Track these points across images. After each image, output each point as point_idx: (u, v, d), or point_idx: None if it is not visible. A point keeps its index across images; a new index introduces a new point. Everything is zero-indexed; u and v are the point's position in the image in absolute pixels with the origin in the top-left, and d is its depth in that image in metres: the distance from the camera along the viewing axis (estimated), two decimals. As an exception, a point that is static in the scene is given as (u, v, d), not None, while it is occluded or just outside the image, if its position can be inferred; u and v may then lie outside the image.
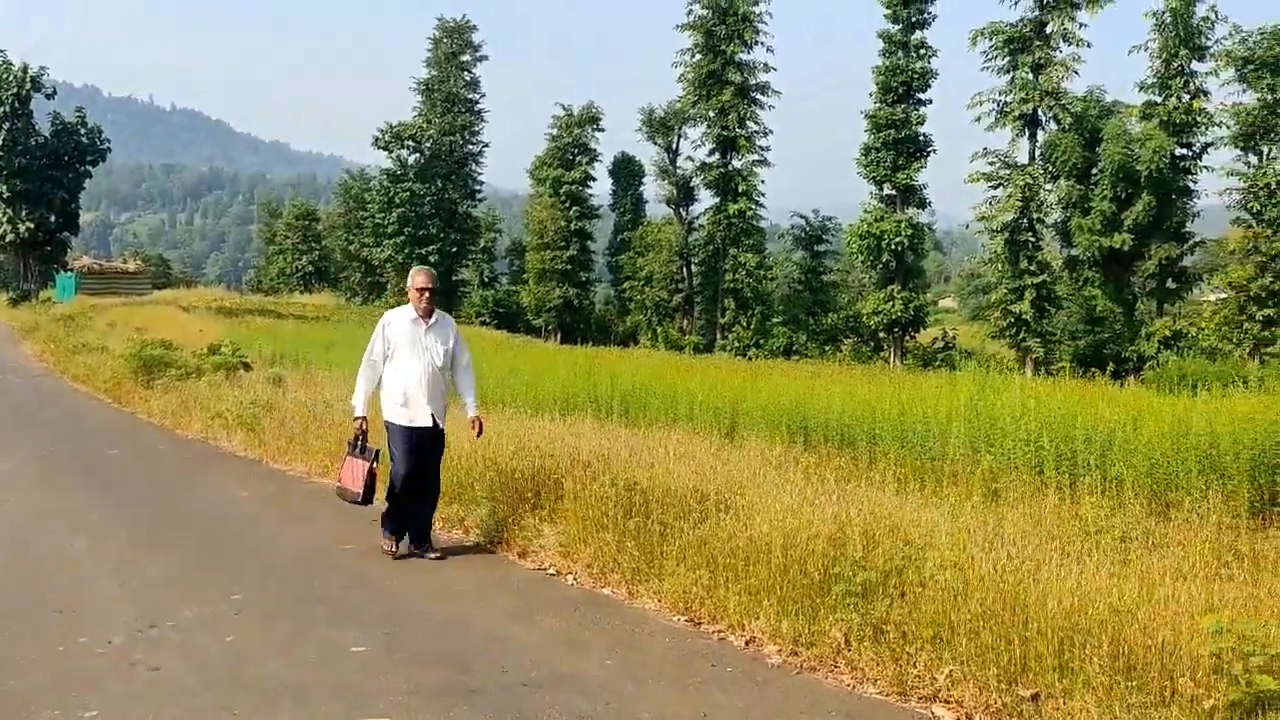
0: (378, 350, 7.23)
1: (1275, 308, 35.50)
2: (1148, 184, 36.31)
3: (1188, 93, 36.87)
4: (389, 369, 7.22)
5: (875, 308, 42.94)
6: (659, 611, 5.95)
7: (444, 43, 60.56)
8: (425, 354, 7.19)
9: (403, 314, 7.33)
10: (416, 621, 5.78)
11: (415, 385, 7.12)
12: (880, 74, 42.94)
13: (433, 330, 7.28)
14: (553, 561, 7.04)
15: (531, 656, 5.20)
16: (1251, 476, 9.38)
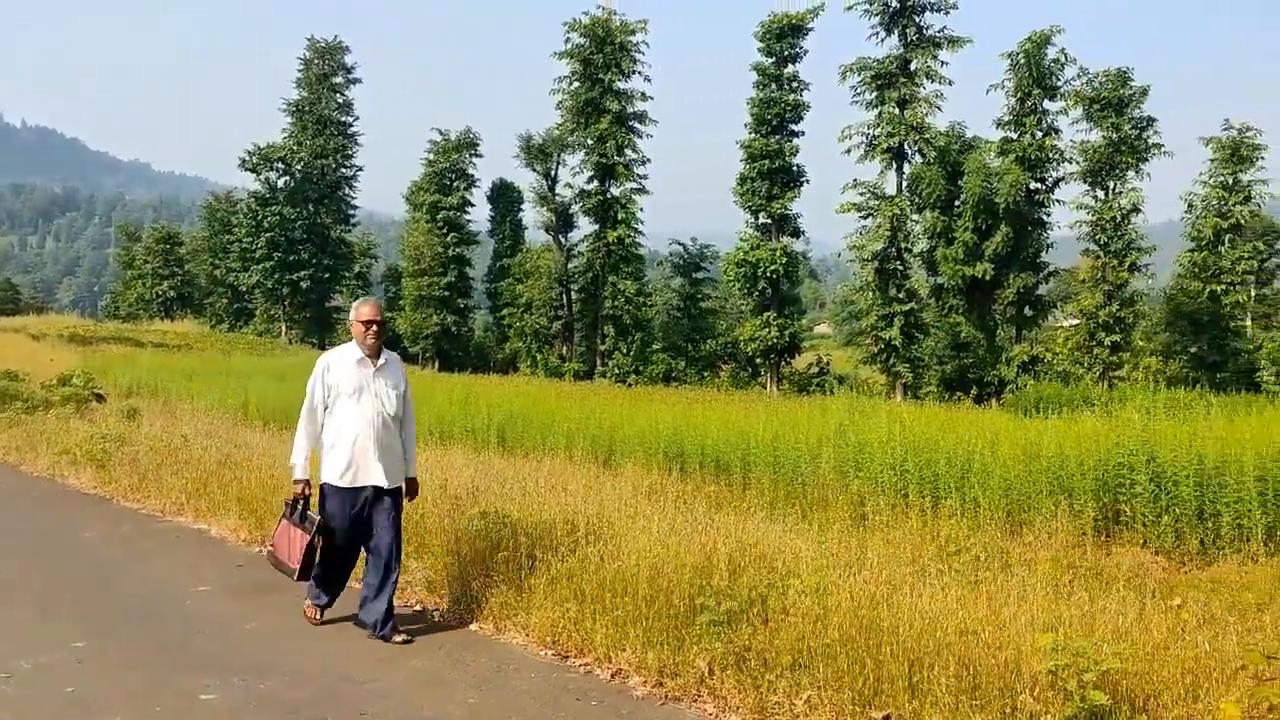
0: (318, 397, 6.13)
1: (1121, 334, 37.57)
2: (1006, 216, 38.00)
3: (1041, 130, 38.81)
4: (330, 421, 6.09)
5: (752, 334, 43.68)
6: (526, 646, 5.88)
7: (315, 64, 59.40)
8: (374, 401, 6.05)
9: (345, 354, 6.15)
10: (274, 667, 5.57)
11: (364, 439, 6.01)
12: (755, 106, 43.91)
13: (383, 372, 6.15)
14: (419, 598, 6.90)
15: (393, 699, 5.08)
16: (1096, 495, 9.89)
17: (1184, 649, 4.56)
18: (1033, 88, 38.33)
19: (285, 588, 7.33)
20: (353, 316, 6.19)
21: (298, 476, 6.14)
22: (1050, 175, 39.50)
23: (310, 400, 6.14)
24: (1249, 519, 8.86)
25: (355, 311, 6.20)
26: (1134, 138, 37.31)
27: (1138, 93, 37.23)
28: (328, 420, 6.10)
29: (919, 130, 39.69)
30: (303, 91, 59.15)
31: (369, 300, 6.29)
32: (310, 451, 6.13)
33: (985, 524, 9.72)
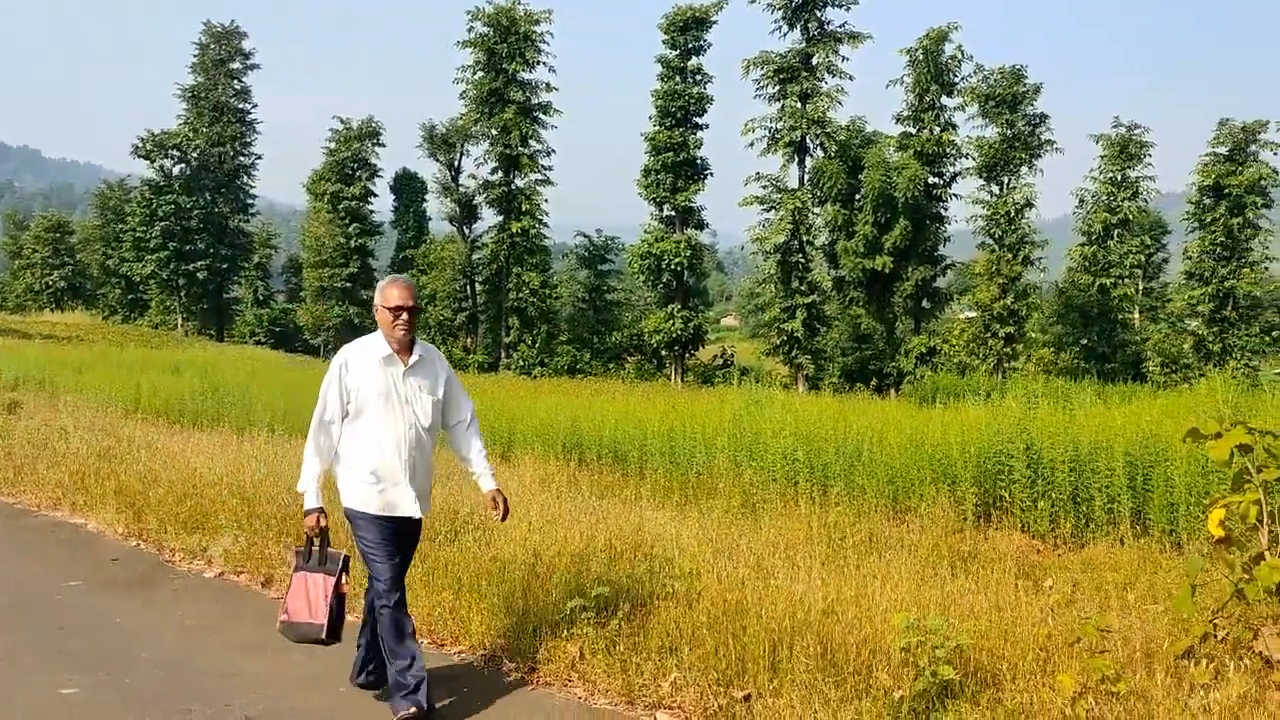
0: (333, 406, 4.66)
1: (1015, 326, 38.79)
2: (904, 210, 38.87)
3: (939, 125, 39.79)
4: (350, 434, 4.67)
5: (657, 326, 43.91)
6: (403, 637, 5.81)
7: (211, 49, 57.68)
8: (406, 409, 4.66)
9: (369, 349, 4.73)
10: (141, 661, 5.40)
11: (392, 458, 4.62)
12: (659, 98, 44.08)
13: (417, 372, 4.73)
14: (295, 593, 6.74)
15: (261, 690, 4.97)
16: (977, 482, 10.17)
17: (1036, 627, 4.72)
18: (930, 84, 39.24)
19: (161, 581, 7.12)
20: (378, 301, 4.73)
21: (309, 506, 4.64)
22: (948, 170, 40.54)
23: (322, 408, 4.68)
24: (1119, 503, 9.19)
25: (381, 294, 4.72)
26: (1027, 134, 38.51)
27: (1030, 90, 38.40)
28: (349, 433, 4.67)
29: (820, 124, 40.32)
30: (199, 77, 57.40)
31: (397, 280, 4.75)
32: (322, 473, 4.68)
33: (870, 511, 9.95)
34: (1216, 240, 38.82)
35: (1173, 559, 7.79)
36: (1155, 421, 10.51)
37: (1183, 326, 41.06)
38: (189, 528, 8.11)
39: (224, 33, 58.09)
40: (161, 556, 7.86)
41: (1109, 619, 5.03)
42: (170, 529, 8.17)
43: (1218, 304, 38.91)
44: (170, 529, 8.17)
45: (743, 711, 4.24)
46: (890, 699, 3.94)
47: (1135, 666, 4.28)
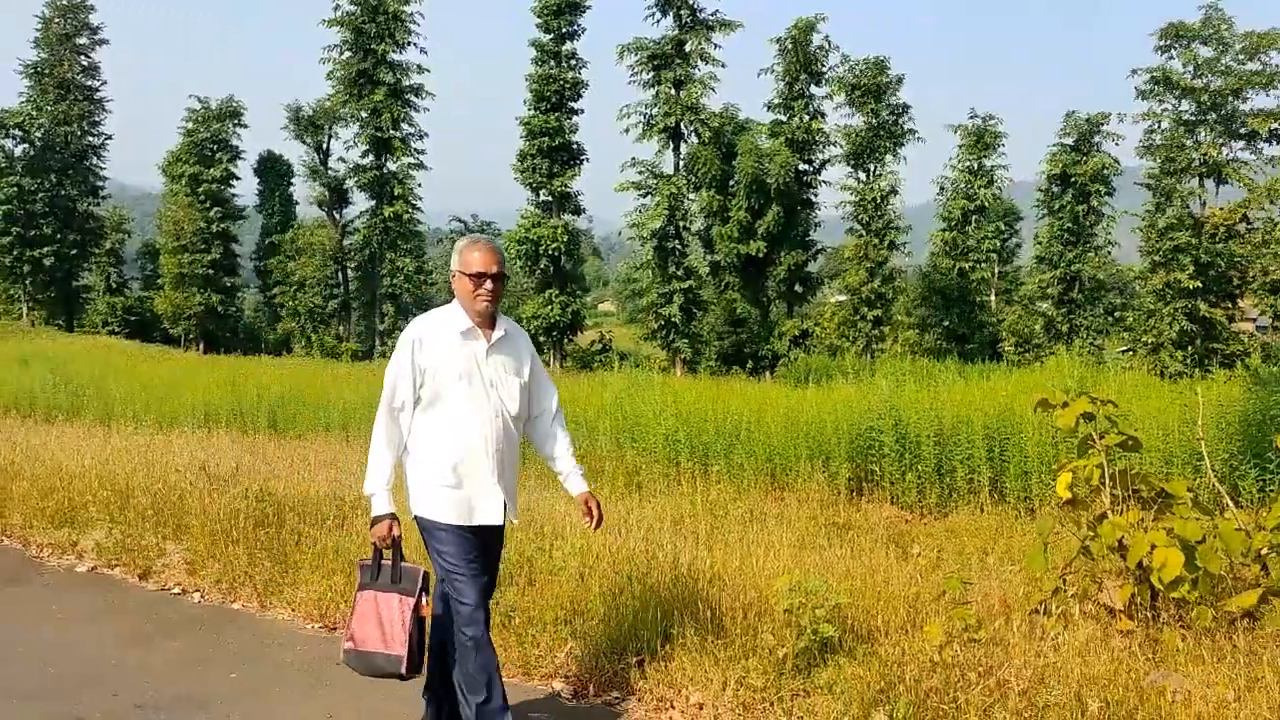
0: (404, 391, 3.86)
1: (883, 309, 40.16)
2: (777, 196, 39.73)
3: (808, 114, 40.77)
4: (423, 424, 3.87)
5: (534, 311, 43.82)
6: (293, 621, 5.80)
7: (56, 22, 54.60)
8: (491, 394, 3.89)
9: (445, 323, 3.93)
10: (16, 654, 5.26)
11: (477, 453, 3.84)
12: (534, 82, 43.87)
13: (500, 350, 3.97)
14: (178, 580, 6.64)
15: (149, 679, 4.91)
16: (850, 457, 10.63)
17: (906, 587, 5.05)
18: (800, 73, 40.16)
19: (30, 577, 6.89)
20: (455, 265, 3.93)
21: (378, 512, 3.81)
22: (817, 157, 41.59)
23: (391, 393, 3.87)
24: (979, 473, 9.75)
25: (459, 258, 3.93)
26: (891, 123, 39.79)
27: (894, 80, 39.68)
28: (421, 423, 3.87)
29: (694, 111, 40.81)
30: (42, 52, 54.27)
31: (479, 241, 3.95)
32: (394, 471, 3.88)
33: (750, 487, 10.32)
34: (1064, 226, 40.89)
35: (1027, 523, 8.33)
36: (1010, 397, 11.18)
37: (1034, 308, 43.15)
38: (56, 522, 7.86)
39: (69, 6, 55.06)
40: (28, 553, 7.60)
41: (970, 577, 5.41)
42: (36, 524, 7.90)
43: (1065, 286, 41.03)
44: (36, 524, 7.90)
45: (636, 676, 4.43)
46: (775, 656, 4.18)
47: (994, 618, 4.64)
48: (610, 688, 4.50)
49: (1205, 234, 36.91)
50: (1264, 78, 36.28)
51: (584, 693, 4.55)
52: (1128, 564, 4.95)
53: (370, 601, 3.88)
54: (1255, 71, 36.37)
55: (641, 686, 4.41)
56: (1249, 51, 36.40)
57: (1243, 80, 36.39)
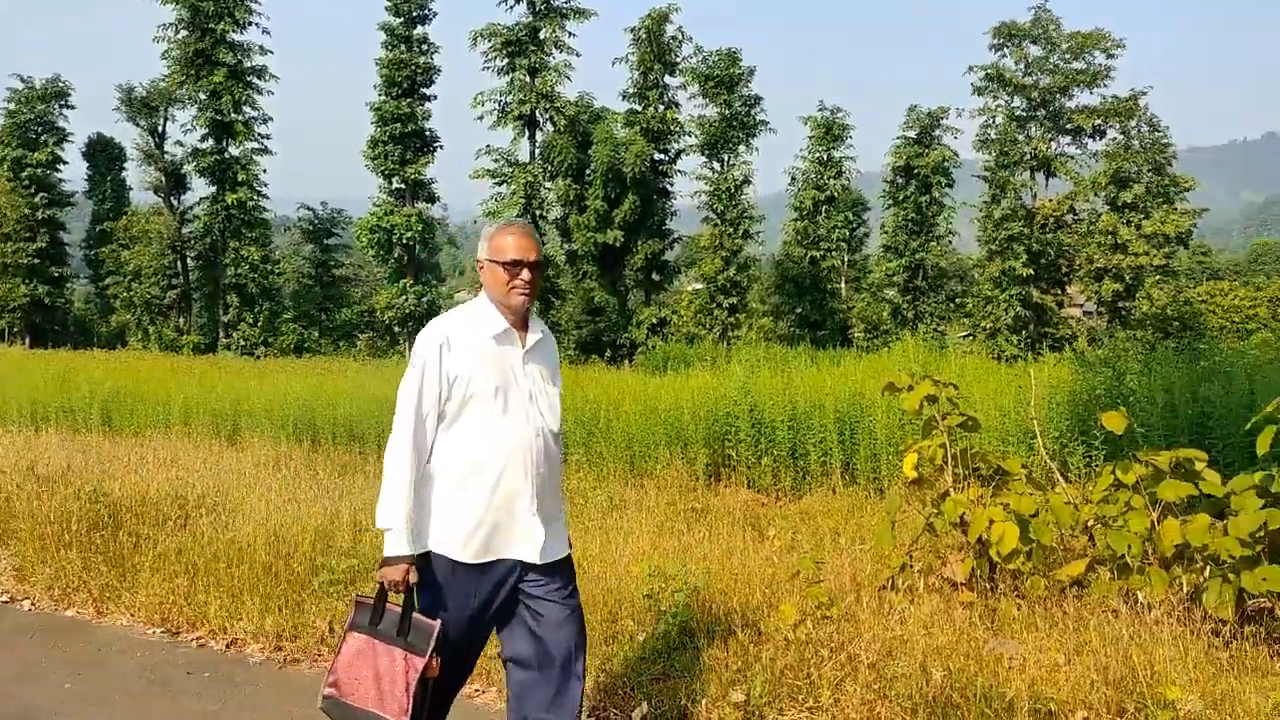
0: (428, 398, 3.22)
1: (738, 296, 40.92)
2: (633, 185, 39.94)
3: (663, 103, 41.09)
4: (449, 441, 3.25)
5: (389, 302, 42.90)
6: (132, 626, 5.52)
7: None
8: (530, 407, 3.32)
9: (476, 323, 3.32)
10: None
11: (513, 477, 3.25)
12: (384, 67, 42.84)
13: (536, 356, 3.40)
14: (6, 588, 6.23)
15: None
16: (707, 443, 10.80)
17: (762, 569, 5.16)
18: (654, 63, 40.43)
19: None
20: (485, 253, 3.36)
21: (394, 551, 3.14)
22: (672, 147, 41.98)
23: (414, 407, 3.20)
24: (831, 456, 10.04)
25: (490, 245, 3.36)
26: (744, 114, 40.51)
27: (746, 73, 40.39)
28: (446, 440, 3.25)
29: (549, 99, 40.62)
30: None
31: (513, 226, 3.39)
32: (410, 501, 3.15)
33: (610, 475, 10.37)
34: (908, 216, 42.48)
35: (877, 502, 8.63)
36: (860, 381, 11.55)
37: (882, 295, 44.71)
38: None
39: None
40: None
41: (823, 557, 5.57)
42: None
43: (910, 274, 42.67)
44: None
45: (496, 667, 4.39)
46: (635, 641, 4.21)
47: (846, 596, 4.79)
48: (471, 680, 4.44)
49: (1036, 224, 38.96)
50: (1088, 76, 38.52)
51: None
52: (969, 539, 5.19)
53: (366, 649, 3.20)
54: (1080, 70, 38.57)
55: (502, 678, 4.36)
56: (1074, 51, 38.57)
57: (1069, 78, 38.54)
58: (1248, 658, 3.91)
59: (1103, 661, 3.71)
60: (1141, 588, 4.67)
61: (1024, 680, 3.68)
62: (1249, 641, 4.13)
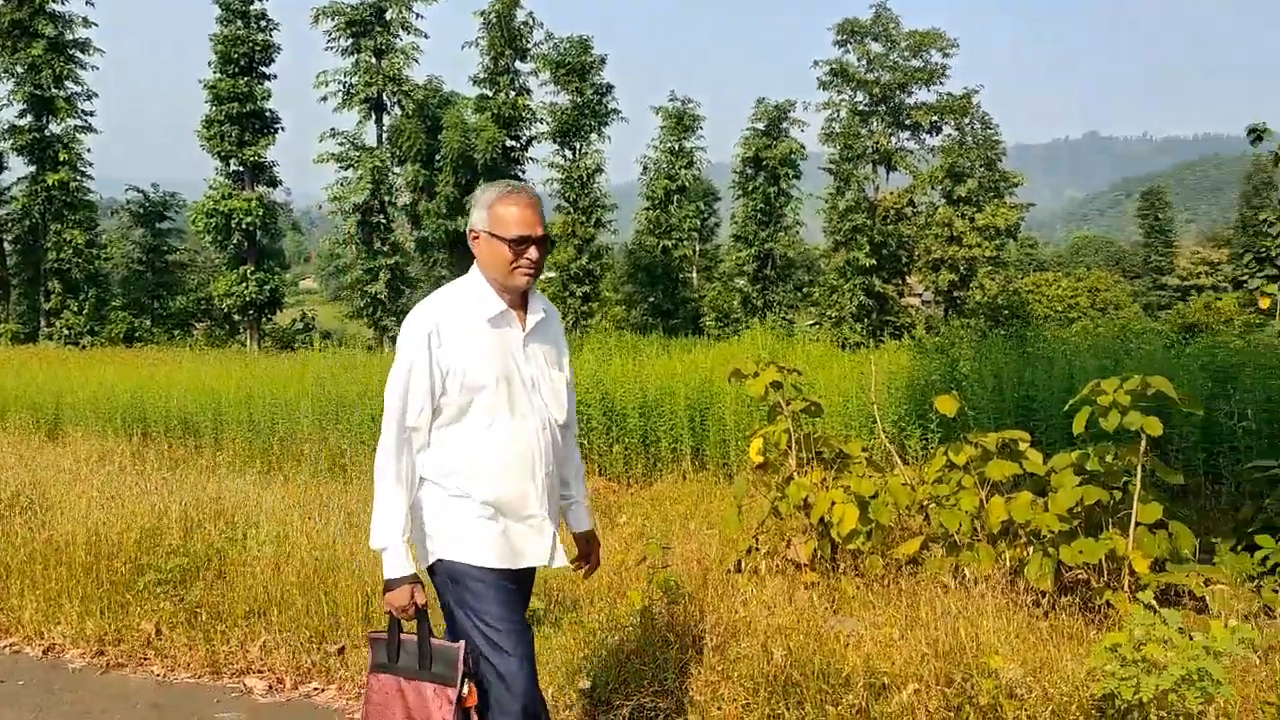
0: (418, 402, 2.87)
1: (591, 285, 40.99)
2: (485, 172, 39.42)
3: (514, 89, 40.71)
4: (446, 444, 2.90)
5: (228, 289, 41.14)
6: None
7: None
8: (535, 398, 2.98)
9: (468, 306, 2.96)
10: None
11: (521, 477, 2.92)
12: (219, 43, 40.97)
13: (538, 337, 3.04)
14: None
15: None
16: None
17: (612, 556, 5.17)
18: (505, 48, 40.00)
19: None
20: (482, 222, 2.97)
21: (395, 573, 2.79)
22: (524, 134, 41.66)
23: (401, 409, 2.86)
24: (681, 443, 10.16)
25: (489, 213, 2.96)
26: (595, 102, 40.53)
27: (597, 61, 40.41)
28: (438, 445, 2.89)
29: (397, 82, 39.72)
30: None
31: (517, 191, 3.01)
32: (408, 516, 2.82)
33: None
34: (757, 207, 43.38)
35: (726, 488, 8.78)
36: (710, 369, 11.72)
37: (732, 284, 45.54)
38: None
39: None
40: None
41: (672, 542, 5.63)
42: None
43: (760, 264, 43.61)
44: None
45: (337, 664, 4.26)
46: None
47: (694, 580, 4.84)
48: (309, 679, 4.30)
49: (878, 216, 40.41)
50: (925, 74, 40.13)
51: (280, 686, 4.33)
52: (811, 521, 5.33)
53: (393, 690, 2.84)
54: (918, 68, 40.14)
55: (343, 675, 4.25)
56: (913, 49, 40.12)
57: (908, 75, 40.07)
58: (1065, 626, 4.14)
59: (933, 635, 3.86)
60: (970, 563, 4.89)
61: (860, 656, 3.80)
62: (1066, 612, 4.37)
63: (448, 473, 2.85)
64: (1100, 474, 4.77)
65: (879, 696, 3.55)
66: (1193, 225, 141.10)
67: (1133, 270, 76.84)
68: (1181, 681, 2.96)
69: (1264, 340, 12.53)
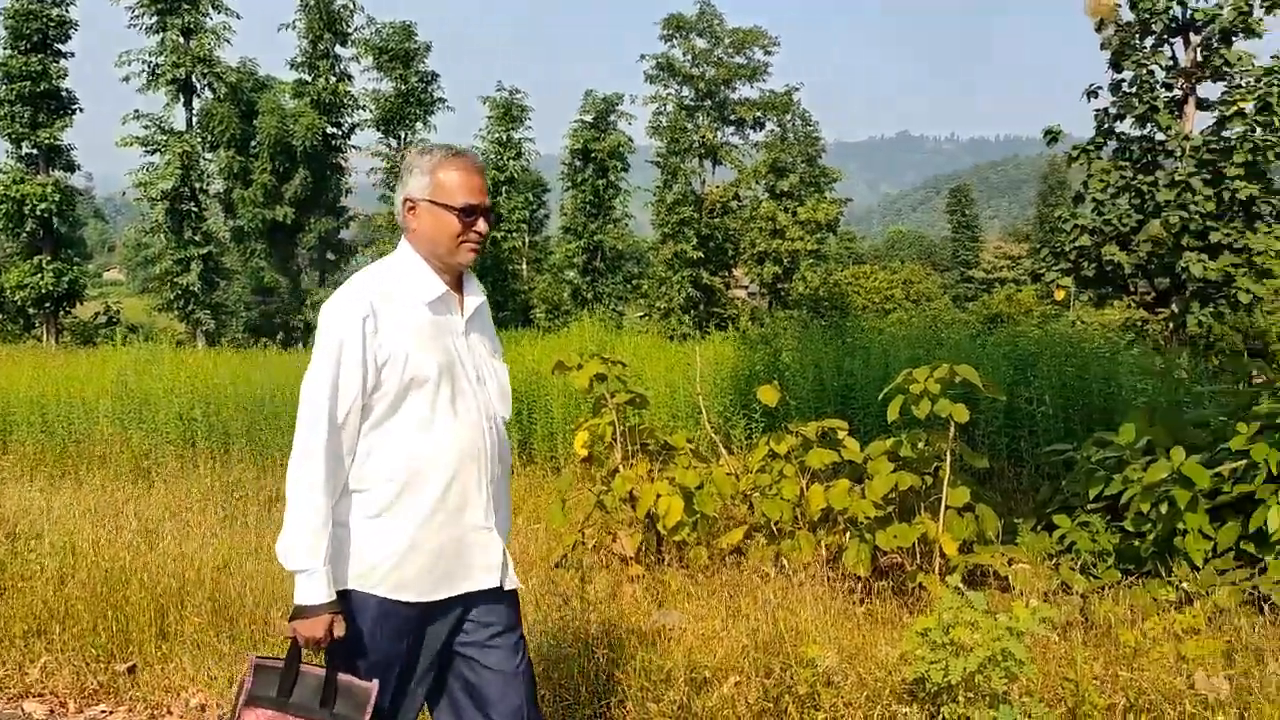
0: (349, 399, 2.38)
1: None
2: (304, 159, 38.03)
3: (334, 75, 39.38)
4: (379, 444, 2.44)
5: (21, 280, 38.14)
6: None
7: None
8: (480, 392, 2.57)
9: (403, 285, 2.50)
10: None
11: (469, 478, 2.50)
12: (10, 17, 37.93)
13: (477, 325, 2.64)
14: None
15: None
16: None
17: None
18: (324, 31, 38.66)
19: None
20: (423, 190, 2.53)
21: (312, 599, 2.35)
22: (346, 121, 40.40)
23: (329, 406, 2.38)
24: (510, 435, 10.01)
25: (431, 179, 2.52)
26: (420, 90, 39.68)
27: (422, 48, 39.56)
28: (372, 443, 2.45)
29: (207, 63, 37.74)
30: None
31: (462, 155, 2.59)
32: (328, 532, 2.36)
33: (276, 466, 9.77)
34: (586, 199, 43.44)
35: (554, 481, 8.69)
36: (538, 361, 11.60)
37: (562, 277, 45.47)
38: None
39: None
40: None
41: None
42: None
43: (589, 256, 43.70)
44: None
45: (126, 684, 3.94)
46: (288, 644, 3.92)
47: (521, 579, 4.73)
48: (95, 701, 3.96)
49: (705, 209, 41.15)
50: (749, 71, 41.09)
51: (63, 710, 3.97)
52: (637, 514, 5.30)
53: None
54: (741, 65, 41.06)
55: (134, 695, 3.93)
56: (736, 46, 41.01)
57: (732, 72, 40.92)
58: (880, 611, 4.24)
59: (754, 626, 3.88)
60: (792, 551, 4.97)
61: (682, 649, 3.78)
62: (881, 596, 4.49)
63: (376, 484, 2.42)
64: (913, 460, 4.92)
65: (700, 691, 3.54)
66: (995, 221, 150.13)
67: (943, 264, 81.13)
68: (987, 663, 3.06)
69: (1060, 330, 13.37)
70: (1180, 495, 4.49)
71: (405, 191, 2.53)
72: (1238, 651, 3.61)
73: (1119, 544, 4.81)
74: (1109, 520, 4.95)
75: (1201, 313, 18.27)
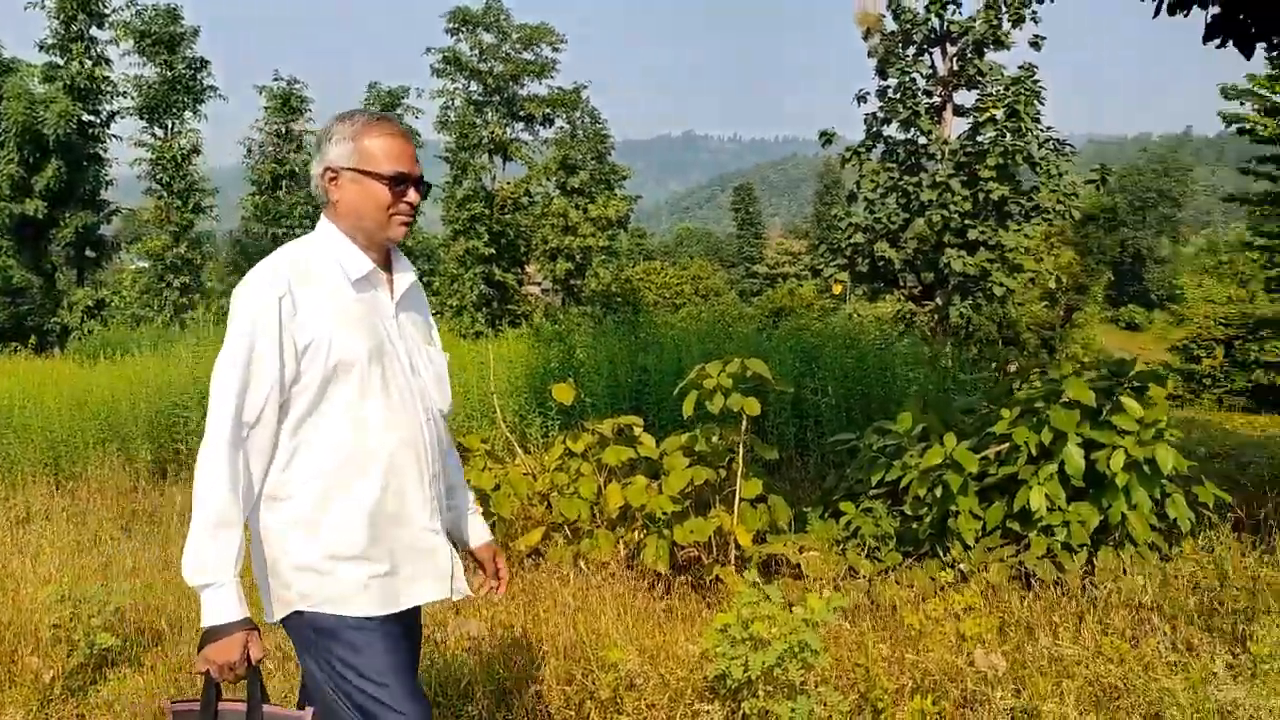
0: (262, 393, 2.08)
1: (190, 275, 37.86)
2: (57, 149, 35.09)
3: (90, 59, 36.52)
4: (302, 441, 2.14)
5: None
6: None
7: None
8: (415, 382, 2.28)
9: (326, 263, 2.22)
10: None
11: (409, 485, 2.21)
12: None
13: (409, 305, 2.36)
14: None
15: None
16: (151, 438, 9.77)
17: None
18: (78, 12, 35.80)
19: None
20: (349, 158, 2.26)
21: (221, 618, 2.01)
22: (105, 108, 37.54)
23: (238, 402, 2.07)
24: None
25: (355, 145, 2.26)
26: (188, 78, 37.40)
27: (189, 32, 37.30)
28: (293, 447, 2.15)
29: (-58, 42, 34.26)
30: None
31: (386, 120, 2.37)
32: (243, 542, 2.05)
33: (27, 483, 8.94)
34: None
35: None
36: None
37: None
38: None
39: None
40: None
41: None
42: None
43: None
44: None
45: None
46: (41, 682, 3.53)
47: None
48: None
49: (496, 206, 40.79)
50: (537, 67, 41.00)
51: None
52: (430, 520, 5.11)
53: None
54: (530, 61, 40.93)
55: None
56: (524, 42, 40.84)
57: (520, 67, 40.73)
58: (681, 608, 4.25)
59: (553, 632, 3.79)
60: (591, 550, 4.92)
61: (480, 661, 3.65)
62: (680, 592, 4.50)
63: (303, 487, 2.14)
64: (708, 454, 4.98)
65: (500, 704, 3.42)
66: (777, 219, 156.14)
67: (729, 259, 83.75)
68: (785, 655, 3.10)
69: (839, 323, 14.01)
70: (952, 479, 4.73)
71: (325, 160, 2.30)
72: (1010, 627, 3.82)
73: (899, 527, 5.03)
74: (890, 505, 5.17)
75: (962, 305, 19.62)
